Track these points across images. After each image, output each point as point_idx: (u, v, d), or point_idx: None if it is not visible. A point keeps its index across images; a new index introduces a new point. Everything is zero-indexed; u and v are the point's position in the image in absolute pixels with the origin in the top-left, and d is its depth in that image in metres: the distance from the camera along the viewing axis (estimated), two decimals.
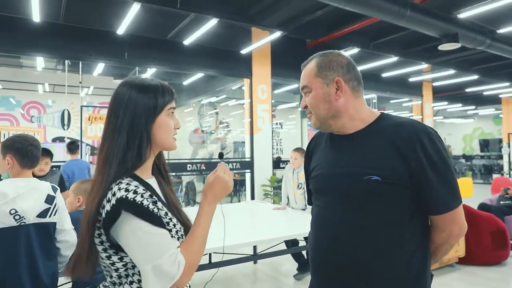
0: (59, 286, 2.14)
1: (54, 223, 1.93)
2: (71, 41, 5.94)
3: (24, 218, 1.82)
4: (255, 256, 3.40)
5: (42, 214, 1.88)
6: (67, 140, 9.91)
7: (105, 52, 6.24)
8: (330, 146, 1.31)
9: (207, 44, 6.77)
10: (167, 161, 1.25)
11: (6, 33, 5.46)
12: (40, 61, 7.83)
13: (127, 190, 0.93)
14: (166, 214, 1.01)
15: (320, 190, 1.30)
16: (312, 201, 1.37)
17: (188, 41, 6.27)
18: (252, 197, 7.46)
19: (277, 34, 6.15)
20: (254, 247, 4.24)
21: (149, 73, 8.85)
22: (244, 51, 7.01)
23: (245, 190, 8.70)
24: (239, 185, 10.57)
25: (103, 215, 0.93)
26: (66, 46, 5.93)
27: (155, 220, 0.94)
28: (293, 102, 12.70)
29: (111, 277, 1.01)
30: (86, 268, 1.00)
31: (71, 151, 5.25)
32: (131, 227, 0.91)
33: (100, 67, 7.94)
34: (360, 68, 1.32)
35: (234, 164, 7.62)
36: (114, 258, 0.97)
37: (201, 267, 2.80)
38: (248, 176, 7.86)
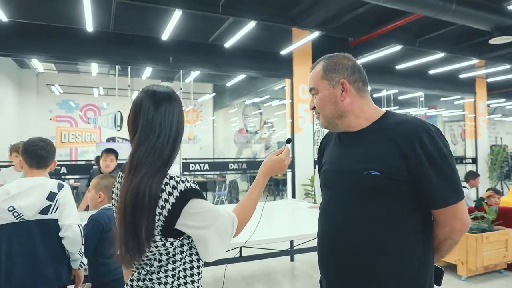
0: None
1: (56, 220, 1.96)
2: (121, 47, 6.36)
3: (23, 215, 1.87)
4: (285, 252, 3.45)
5: (44, 211, 1.92)
6: (120, 141, 10.56)
7: (152, 56, 6.59)
8: (338, 143, 1.38)
9: (247, 46, 6.91)
10: (212, 161, 1.43)
11: (64, 42, 5.97)
12: (94, 67, 8.43)
13: (183, 181, 1.07)
14: None
15: (327, 185, 1.37)
16: (321, 196, 1.43)
17: (228, 43, 6.45)
18: (293, 196, 7.50)
19: (315, 34, 6.15)
20: (291, 243, 4.30)
21: (193, 76, 9.19)
22: (284, 52, 7.07)
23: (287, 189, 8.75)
24: (281, 184, 10.65)
25: (169, 206, 1.03)
26: (116, 52, 6.36)
27: (204, 196, 1.12)
28: None
29: (151, 266, 1.10)
30: (138, 256, 1.07)
31: None
32: (195, 208, 1.07)
33: (148, 71, 8.38)
34: (404, 65, 1.38)
35: None
36: (167, 244, 1.07)
37: (231, 260, 2.91)
38: (289, 175, 7.91)
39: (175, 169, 8.10)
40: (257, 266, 4.57)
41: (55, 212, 1.96)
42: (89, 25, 5.42)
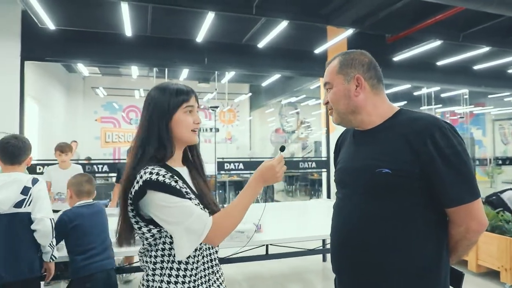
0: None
1: (29, 213, 2.04)
2: (158, 50, 6.59)
3: None
4: (313, 251, 3.41)
5: (18, 205, 2.01)
6: None
7: (187, 58, 6.78)
8: (352, 141, 1.38)
9: (280, 45, 6.91)
10: (248, 160, 1.41)
11: (105, 47, 6.30)
12: (135, 70, 8.79)
13: (151, 173, 1.10)
14: (186, 192, 1.15)
15: (340, 183, 1.37)
16: (335, 195, 1.43)
17: (262, 43, 6.49)
18: (328, 196, 7.41)
19: (349, 32, 6.03)
20: (323, 242, 4.26)
21: (228, 76, 9.32)
22: (318, 50, 6.99)
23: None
24: (317, 184, 10.54)
25: (133, 193, 1.11)
26: (153, 55, 6.61)
27: (176, 192, 1.10)
28: None
29: (143, 244, 1.19)
30: (126, 237, 1.21)
31: None
32: (159, 200, 1.08)
33: (185, 72, 8.60)
34: (446, 61, 1.34)
35: (309, 163, 7.64)
36: (144, 230, 1.14)
37: (257, 258, 2.94)
38: (324, 175, 7.82)
39: (210, 168, 8.25)
40: (287, 265, 4.56)
41: (29, 205, 2.04)
42: (128, 30, 5.67)
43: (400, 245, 1.16)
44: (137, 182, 1.10)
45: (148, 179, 1.09)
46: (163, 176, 1.10)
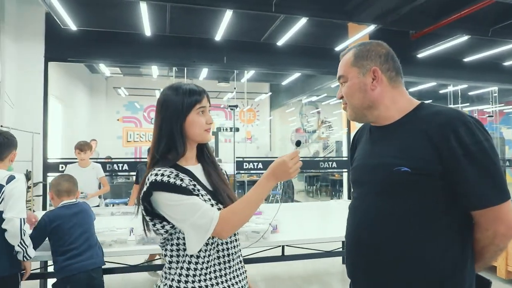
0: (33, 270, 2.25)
1: (2, 212, 1.99)
2: (177, 50, 6.62)
3: None
4: (330, 253, 3.31)
5: None
6: None
7: (206, 57, 6.77)
8: (369, 138, 1.30)
9: (300, 43, 6.82)
10: (268, 159, 1.38)
11: (125, 47, 6.36)
12: (155, 70, 8.87)
13: (156, 175, 1.14)
14: (194, 189, 1.18)
15: (356, 181, 1.29)
16: (351, 194, 1.36)
17: (281, 41, 6.41)
18: (349, 197, 7.24)
19: (371, 28, 5.87)
20: (343, 244, 4.14)
21: (247, 75, 9.28)
22: (339, 48, 6.85)
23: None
24: (338, 184, 10.36)
25: (141, 194, 1.17)
26: (172, 54, 6.63)
27: (181, 190, 1.13)
28: None
29: (161, 238, 1.23)
30: (147, 231, 1.27)
31: None
32: (165, 200, 1.13)
33: (204, 71, 8.61)
34: (474, 57, 1.23)
35: (330, 163, 7.50)
36: (158, 226, 1.19)
37: (273, 259, 2.86)
38: (345, 175, 7.66)
39: (229, 168, 8.24)
40: (307, 267, 4.46)
41: (0, 204, 2.00)
42: (147, 30, 5.71)
43: (419, 248, 1.08)
44: (146, 184, 1.16)
45: (153, 181, 1.13)
46: (168, 176, 1.14)
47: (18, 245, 2.01)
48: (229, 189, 1.31)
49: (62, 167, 5.83)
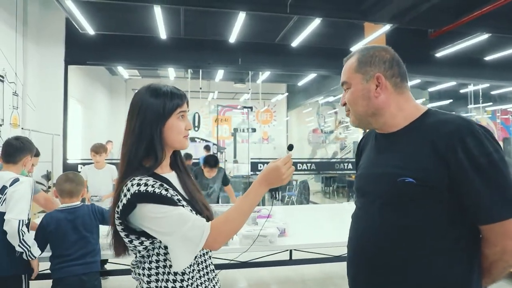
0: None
1: (4, 213, 2.04)
2: (192, 52, 6.69)
3: None
4: (339, 258, 3.27)
5: None
6: (198, 141, 11.07)
7: (221, 59, 6.81)
8: (374, 145, 1.26)
9: (315, 44, 6.76)
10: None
11: (142, 50, 6.48)
12: (171, 71, 8.97)
13: (138, 184, 1.03)
14: (178, 200, 1.08)
15: (359, 191, 1.25)
16: (354, 203, 1.32)
17: (295, 42, 6.37)
18: None
19: (386, 28, 5.77)
20: None
21: (262, 76, 9.27)
22: (354, 48, 6.75)
23: None
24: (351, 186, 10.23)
25: (120, 207, 1.04)
26: (188, 56, 6.71)
27: (168, 200, 1.03)
28: (419, 98, 11.62)
29: (136, 257, 1.13)
30: (118, 249, 1.16)
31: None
32: (150, 213, 1.02)
33: (220, 73, 8.66)
34: (495, 56, 1.18)
35: (345, 164, 7.43)
36: (136, 243, 1.08)
37: (281, 263, 2.85)
38: None
39: (244, 168, 8.25)
40: (318, 270, 4.43)
41: (2, 205, 2.06)
42: (162, 33, 5.79)
43: (424, 263, 1.04)
44: (125, 196, 1.03)
45: (136, 191, 1.02)
46: (152, 186, 1.03)
47: (19, 245, 2.05)
48: (204, 198, 1.24)
49: (81, 168, 5.99)
